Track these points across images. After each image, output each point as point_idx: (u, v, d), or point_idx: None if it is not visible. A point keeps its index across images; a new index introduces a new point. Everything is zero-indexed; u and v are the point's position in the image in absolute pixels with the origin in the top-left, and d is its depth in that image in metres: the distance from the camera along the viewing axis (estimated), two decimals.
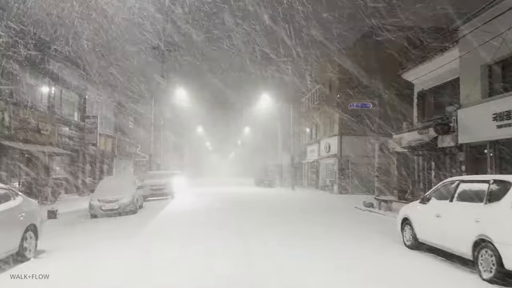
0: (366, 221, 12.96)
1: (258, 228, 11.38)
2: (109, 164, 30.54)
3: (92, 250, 8.43)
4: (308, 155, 37.66)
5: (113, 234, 10.55)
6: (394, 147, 19.83)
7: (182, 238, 9.76)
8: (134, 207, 14.96)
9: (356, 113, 28.38)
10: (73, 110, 23.63)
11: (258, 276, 6.36)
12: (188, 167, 69.94)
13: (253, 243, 9.22)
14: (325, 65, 32.18)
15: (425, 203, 7.89)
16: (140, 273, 6.65)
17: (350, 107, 21.22)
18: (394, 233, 9.69)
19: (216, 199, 22.43)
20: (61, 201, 19.98)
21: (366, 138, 28.45)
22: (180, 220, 13.47)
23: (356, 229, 11.32)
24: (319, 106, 34.08)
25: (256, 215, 14.71)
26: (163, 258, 7.67)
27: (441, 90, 17.22)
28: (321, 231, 10.82)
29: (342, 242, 9.26)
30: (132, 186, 15.59)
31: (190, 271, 6.75)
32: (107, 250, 8.51)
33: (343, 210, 16.50)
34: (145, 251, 8.39)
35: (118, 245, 8.96)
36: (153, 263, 7.35)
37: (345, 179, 28.60)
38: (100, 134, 27.99)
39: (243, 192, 30.03)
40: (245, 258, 7.61)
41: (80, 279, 6.41)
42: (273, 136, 54.06)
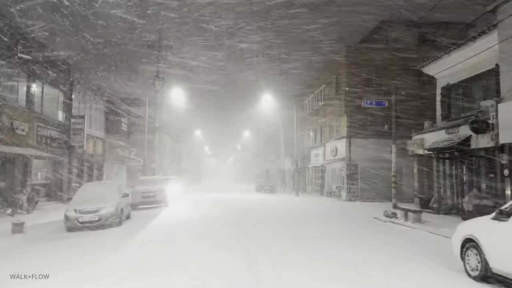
0: (396, 237, 10.71)
1: (265, 246, 9.17)
2: (99, 169, 28.30)
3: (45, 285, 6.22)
4: (312, 160, 35.47)
5: (83, 258, 8.31)
6: (414, 150, 17.67)
7: (169, 265, 7.53)
8: (118, 218, 12.73)
9: (366, 114, 26.33)
10: (57, 109, 21.43)
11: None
12: (186, 172, 67.77)
13: (261, 268, 7.01)
14: (332, 62, 30.14)
15: (504, 219, 5.70)
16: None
17: (364, 105, 19.06)
18: (444, 255, 7.52)
19: (214, 208, 20.19)
20: (40, 210, 17.74)
21: (377, 141, 26.41)
22: (170, 235, 11.21)
23: (390, 249, 9.02)
24: (324, 107, 31.98)
25: (260, 228, 12.49)
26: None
27: (471, 83, 15.11)
28: (346, 253, 8.59)
29: (380, 268, 7.05)
30: (116, 194, 13.36)
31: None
32: (66, 284, 6.30)
33: (361, 222, 14.27)
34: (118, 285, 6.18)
35: (83, 275, 6.75)
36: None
37: (354, 184, 26.40)
38: (89, 136, 25.82)
39: (244, 199, 27.79)
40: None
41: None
42: (274, 140, 51.97)
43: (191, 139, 70.66)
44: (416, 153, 17.54)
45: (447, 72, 16.10)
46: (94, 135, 26.84)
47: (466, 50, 14.64)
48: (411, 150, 17.88)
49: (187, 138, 67.38)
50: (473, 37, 14.32)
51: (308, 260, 7.69)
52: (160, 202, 20.10)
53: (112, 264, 7.54)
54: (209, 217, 15.72)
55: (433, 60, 16.86)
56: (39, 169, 20.31)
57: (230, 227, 12.79)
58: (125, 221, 14.33)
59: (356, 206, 21.84)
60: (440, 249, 8.58)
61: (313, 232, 11.57)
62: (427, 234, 10.97)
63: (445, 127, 15.34)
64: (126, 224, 13.52)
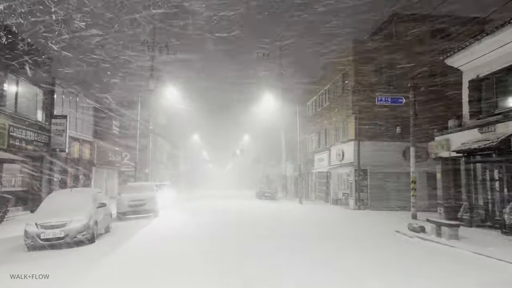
0: (439, 261, 8.44)
1: (272, 274, 6.97)
2: (86, 174, 26.08)
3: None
4: (316, 164, 33.27)
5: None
6: (437, 152, 15.49)
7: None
8: (90, 234, 10.51)
9: (375, 114, 24.24)
10: (36, 108, 19.26)
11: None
12: (183, 178, 65.51)
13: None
14: (337, 59, 28.09)
15: None
16: None
17: (378, 102, 16.91)
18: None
19: (211, 218, 17.96)
20: (11, 221, 15.55)
21: (388, 144, 24.32)
22: (151, 261, 8.97)
23: (445, 283, 6.78)
24: (330, 108, 29.86)
25: (266, 246, 10.28)
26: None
27: (507, 74, 12.99)
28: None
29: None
30: (90, 204, 11.14)
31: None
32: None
33: (383, 237, 12.05)
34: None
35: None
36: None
37: (363, 192, 24.21)
38: (74, 139, 23.65)
39: (243, 207, 25.54)
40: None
41: None
42: (275, 144, 49.83)
43: (189, 144, 68.50)
44: (440, 156, 15.36)
45: (475, 63, 14.01)
46: (80, 138, 24.66)
47: (501, 35, 12.57)
48: (433, 153, 15.70)
49: (185, 143, 65.22)
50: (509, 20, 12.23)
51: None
52: (150, 212, 17.87)
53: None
54: (203, 231, 13.49)
55: (460, 49, 14.74)
56: (14, 175, 18.10)
57: (228, 245, 10.56)
58: (103, 236, 12.12)
59: (368, 216, 19.63)
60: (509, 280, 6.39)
61: (331, 253, 9.37)
62: (474, 256, 8.76)
63: (478, 125, 13.20)
64: (102, 240, 11.31)
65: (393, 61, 23.83)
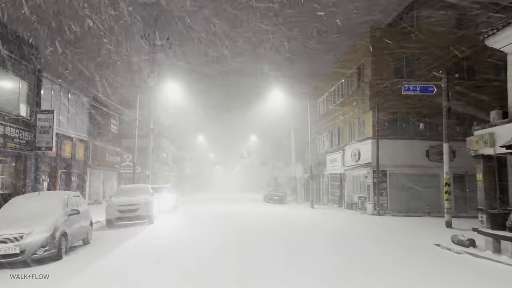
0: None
1: None
2: (80, 176, 24.12)
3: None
4: (328, 166, 30.93)
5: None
6: (477, 149, 13.13)
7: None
8: (55, 249, 8.36)
9: (396, 110, 21.97)
10: (18, 101, 17.28)
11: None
12: (189, 180, 63.60)
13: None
14: (352, 52, 25.84)
15: None
16: None
17: (404, 92, 14.63)
18: None
19: (212, 228, 15.75)
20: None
21: (411, 142, 22.02)
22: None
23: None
24: (343, 105, 27.57)
25: (280, 270, 8.06)
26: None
27: None
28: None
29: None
30: (58, 211, 9.01)
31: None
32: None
33: (422, 253, 9.70)
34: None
35: None
36: None
37: (382, 195, 21.85)
38: (66, 137, 21.72)
39: (251, 212, 23.29)
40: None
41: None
42: (284, 146, 47.65)
43: (195, 146, 66.58)
44: (481, 153, 12.99)
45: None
46: (73, 136, 22.70)
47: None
48: (473, 150, 13.33)
49: (191, 144, 63.30)
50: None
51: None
52: (143, 218, 15.70)
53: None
54: (203, 245, 11.30)
55: (505, 26, 12.38)
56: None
57: (232, 266, 8.34)
58: (77, 249, 9.98)
59: (391, 223, 17.30)
60: None
61: (370, 281, 7.12)
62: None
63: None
64: (73, 257, 9.13)
65: (415, 49, 21.54)
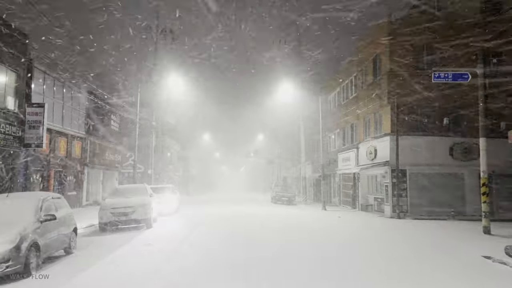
0: None
1: None
2: (76, 175, 22.65)
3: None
4: (340, 165, 29.19)
5: None
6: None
7: None
8: (21, 264, 6.76)
9: (417, 103, 20.26)
10: (4, 93, 15.80)
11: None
12: (194, 180, 62.21)
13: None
14: (367, 43, 24.05)
15: None
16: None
17: (434, 80, 12.87)
18: None
19: (218, 230, 14.14)
20: None
21: (433, 139, 20.31)
22: None
23: None
24: (357, 100, 25.82)
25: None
26: None
27: None
28: None
29: None
30: (28, 217, 7.43)
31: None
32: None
33: (472, 266, 7.97)
34: None
35: None
36: None
37: (402, 196, 20.08)
38: (60, 133, 20.27)
39: (258, 215, 21.62)
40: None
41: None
42: (291, 145, 45.96)
43: (201, 145, 65.11)
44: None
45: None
46: (69, 133, 21.25)
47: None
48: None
49: (196, 143, 61.84)
50: None
51: None
52: (140, 222, 14.11)
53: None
54: (206, 260, 9.67)
55: None
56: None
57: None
58: (54, 262, 8.40)
59: (416, 228, 15.57)
60: None
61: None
62: None
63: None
64: (46, 272, 7.47)
65: (437, 38, 19.76)
